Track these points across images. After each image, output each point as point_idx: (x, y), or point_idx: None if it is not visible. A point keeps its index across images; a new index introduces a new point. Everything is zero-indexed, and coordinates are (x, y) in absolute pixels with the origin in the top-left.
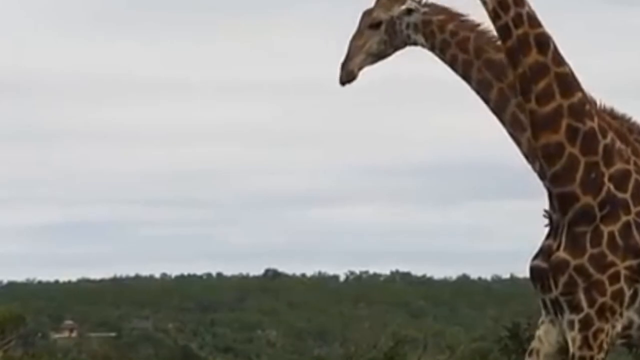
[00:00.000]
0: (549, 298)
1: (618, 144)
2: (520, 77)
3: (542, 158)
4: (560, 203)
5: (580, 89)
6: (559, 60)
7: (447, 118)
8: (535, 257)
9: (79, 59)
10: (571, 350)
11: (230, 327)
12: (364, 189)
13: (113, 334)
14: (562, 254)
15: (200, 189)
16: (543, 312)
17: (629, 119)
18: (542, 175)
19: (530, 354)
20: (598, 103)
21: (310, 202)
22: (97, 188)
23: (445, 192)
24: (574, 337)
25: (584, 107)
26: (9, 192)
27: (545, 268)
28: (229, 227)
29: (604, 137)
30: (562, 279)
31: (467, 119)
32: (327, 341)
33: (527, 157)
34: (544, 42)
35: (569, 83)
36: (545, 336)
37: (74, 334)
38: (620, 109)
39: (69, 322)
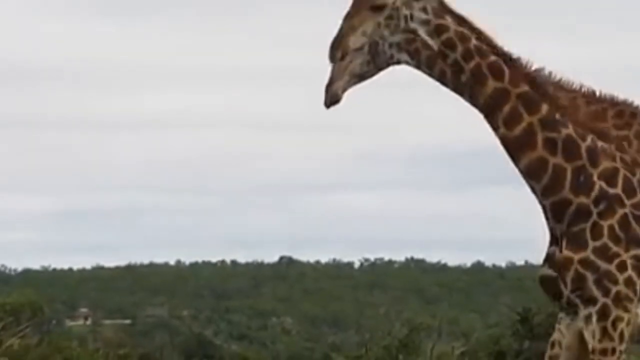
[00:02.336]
0: (563, 303)
1: (600, 143)
2: (483, 107)
3: (527, 177)
4: (554, 213)
5: (545, 99)
6: (515, 80)
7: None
8: (542, 265)
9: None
10: (591, 344)
11: (245, 314)
12: (379, 175)
13: (128, 321)
14: (564, 252)
15: (215, 176)
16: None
17: (631, 103)
18: (534, 192)
19: (552, 346)
20: (597, 93)
21: (324, 188)
22: (112, 175)
23: (460, 179)
24: (592, 330)
25: (554, 117)
26: (25, 179)
27: (553, 275)
28: (244, 214)
29: (584, 140)
30: (569, 276)
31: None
32: (342, 328)
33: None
34: (498, 69)
35: (532, 100)
36: (566, 328)
37: (89, 321)
38: None
39: (83, 309)
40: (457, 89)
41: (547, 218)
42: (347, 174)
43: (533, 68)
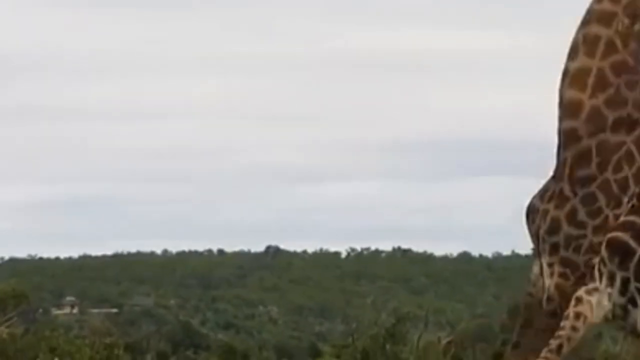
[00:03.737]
0: (626, 279)
1: None
2: None
3: None
4: None
5: None
6: None
7: (446, 94)
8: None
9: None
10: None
11: (232, 303)
12: (366, 165)
13: (114, 310)
14: None
15: (202, 165)
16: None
17: None
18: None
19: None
20: None
21: (311, 178)
22: (99, 164)
23: (447, 168)
24: None
25: None
26: (10, 168)
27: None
28: (230, 204)
29: None
30: None
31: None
32: (328, 318)
33: None
34: None
35: None
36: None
37: (75, 310)
38: None
39: (70, 298)
40: None
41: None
42: (334, 164)
43: None
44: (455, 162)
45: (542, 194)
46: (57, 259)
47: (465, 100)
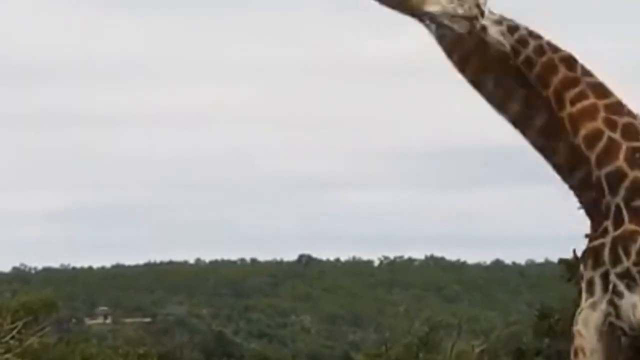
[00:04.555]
0: (604, 272)
1: None
2: (554, 93)
3: (583, 145)
4: (609, 183)
5: (616, 96)
6: (589, 72)
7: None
8: (590, 241)
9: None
10: None
11: (265, 312)
12: (399, 172)
13: (147, 320)
14: (629, 226)
15: (235, 174)
16: (585, 295)
17: None
18: (579, 185)
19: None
20: None
21: (344, 187)
22: (132, 173)
23: (480, 176)
24: None
25: (622, 106)
26: (45, 177)
27: (604, 242)
28: (263, 213)
29: None
30: (635, 248)
31: None
32: (361, 326)
33: (559, 168)
34: (571, 60)
35: (603, 89)
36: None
37: (109, 320)
38: None
39: (103, 307)
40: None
41: (593, 210)
42: (367, 172)
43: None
44: (489, 170)
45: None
46: (90, 268)
47: None
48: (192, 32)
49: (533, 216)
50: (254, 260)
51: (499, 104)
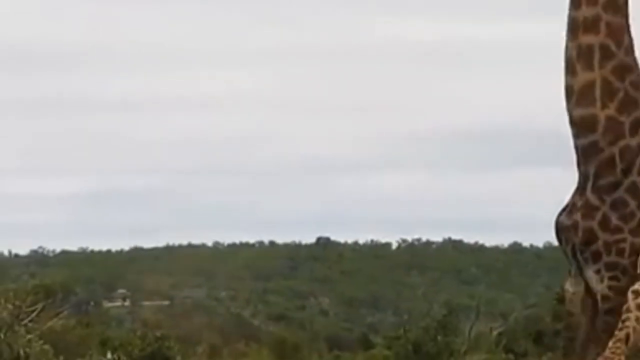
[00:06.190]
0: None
1: None
2: None
3: None
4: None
5: None
6: None
7: (496, 83)
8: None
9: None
10: None
11: (283, 295)
12: (417, 155)
13: (166, 303)
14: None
15: (252, 156)
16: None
17: None
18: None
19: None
20: None
21: (362, 169)
22: (150, 156)
23: (498, 159)
24: None
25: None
26: (63, 161)
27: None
28: (281, 195)
29: None
30: None
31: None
32: (379, 309)
33: None
34: None
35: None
36: None
37: (127, 303)
38: None
39: (121, 290)
40: None
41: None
42: (385, 154)
43: None
44: (506, 152)
45: (568, 210)
46: (109, 251)
47: (516, 89)
48: (213, 16)
49: (551, 199)
50: (272, 243)
51: None
